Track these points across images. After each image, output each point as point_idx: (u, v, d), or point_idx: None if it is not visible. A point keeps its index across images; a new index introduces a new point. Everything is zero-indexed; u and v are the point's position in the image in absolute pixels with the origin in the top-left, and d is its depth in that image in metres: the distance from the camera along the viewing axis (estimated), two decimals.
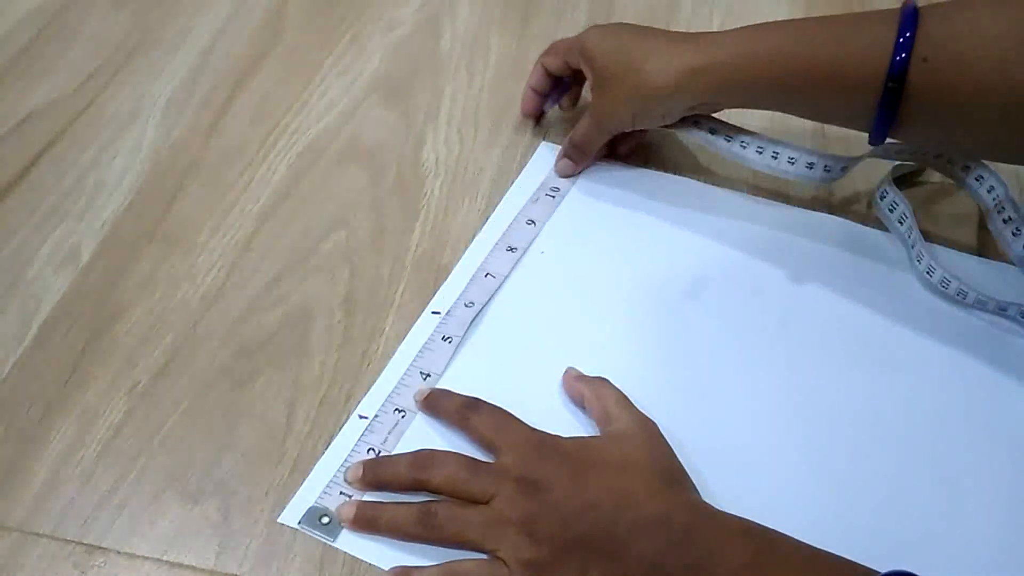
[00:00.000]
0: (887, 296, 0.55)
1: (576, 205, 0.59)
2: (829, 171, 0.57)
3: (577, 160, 0.61)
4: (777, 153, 0.58)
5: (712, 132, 0.58)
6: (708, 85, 0.53)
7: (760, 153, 0.58)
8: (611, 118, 0.58)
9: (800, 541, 0.40)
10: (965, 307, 0.54)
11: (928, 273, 0.55)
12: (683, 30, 0.56)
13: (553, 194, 0.60)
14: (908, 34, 0.47)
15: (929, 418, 0.50)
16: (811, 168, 0.57)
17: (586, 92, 0.62)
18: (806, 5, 0.74)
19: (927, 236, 0.57)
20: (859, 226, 0.59)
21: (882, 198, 0.59)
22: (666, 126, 0.58)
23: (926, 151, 0.59)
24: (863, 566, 0.39)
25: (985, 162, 0.58)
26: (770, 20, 0.54)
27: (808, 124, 0.64)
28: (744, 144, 0.58)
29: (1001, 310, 0.53)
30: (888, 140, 0.51)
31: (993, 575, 0.44)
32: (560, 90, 0.63)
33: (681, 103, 0.55)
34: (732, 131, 0.58)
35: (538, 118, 0.65)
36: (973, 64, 0.46)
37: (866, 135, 0.52)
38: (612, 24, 0.60)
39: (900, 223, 0.57)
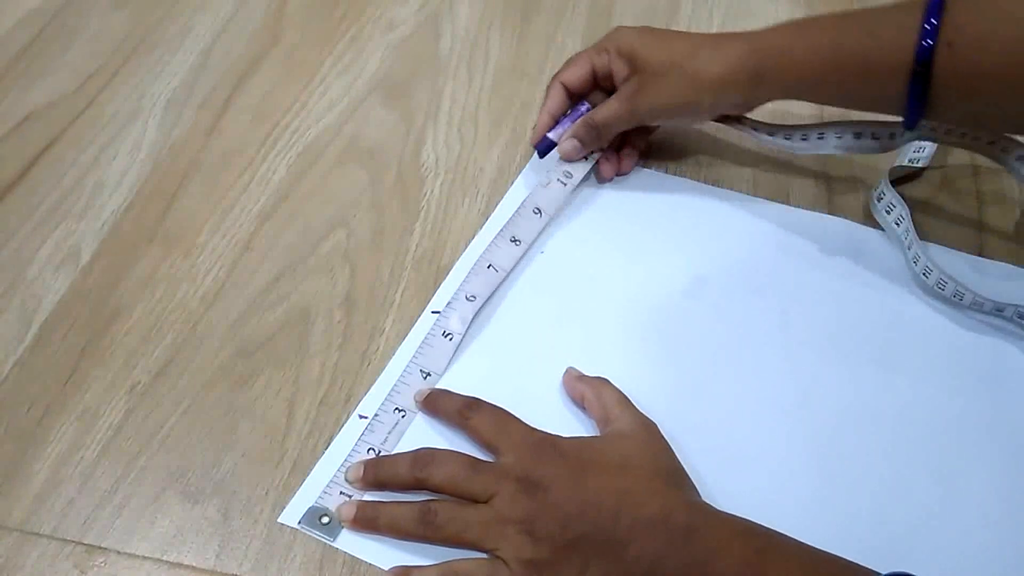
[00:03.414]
0: (885, 296, 0.55)
1: (575, 205, 0.59)
2: (877, 138, 0.58)
3: (588, 143, 0.58)
4: (823, 134, 0.59)
5: (755, 129, 0.60)
6: (752, 78, 0.54)
7: (805, 140, 0.59)
8: (651, 108, 0.56)
9: (800, 542, 0.40)
10: (962, 308, 0.54)
11: (925, 275, 0.55)
12: (683, 30, 0.57)
13: (565, 180, 0.58)
14: (934, 21, 0.48)
15: (925, 419, 0.50)
16: (859, 138, 0.58)
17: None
18: (806, 4, 0.74)
19: (925, 236, 0.57)
20: (858, 226, 0.59)
21: (879, 199, 0.58)
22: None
23: (964, 132, 0.58)
24: (863, 567, 0.39)
25: None
26: (769, 20, 0.55)
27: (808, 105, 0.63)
28: (788, 136, 0.59)
29: (998, 311, 0.53)
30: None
31: (989, 573, 0.44)
32: (572, 116, 0.59)
33: (727, 98, 0.56)
34: (772, 128, 0.59)
35: (544, 151, 0.59)
36: (997, 46, 0.47)
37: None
38: (637, 26, 0.58)
39: (897, 224, 0.57)
